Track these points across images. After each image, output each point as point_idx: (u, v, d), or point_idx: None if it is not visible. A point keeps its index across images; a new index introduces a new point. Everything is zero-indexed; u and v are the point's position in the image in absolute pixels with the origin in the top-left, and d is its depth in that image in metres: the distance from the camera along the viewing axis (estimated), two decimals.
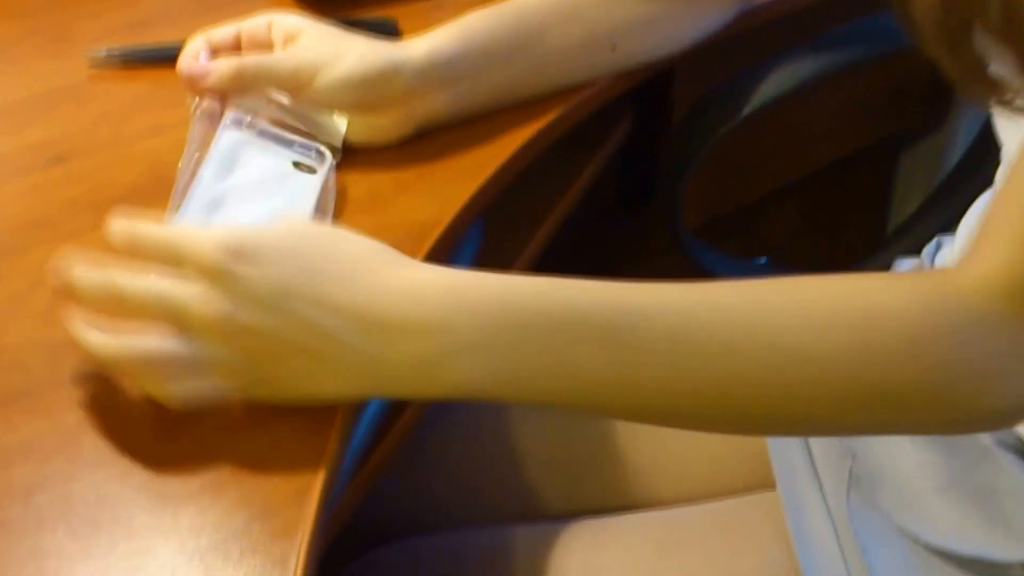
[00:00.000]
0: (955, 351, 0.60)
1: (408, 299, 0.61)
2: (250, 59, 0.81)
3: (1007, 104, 0.62)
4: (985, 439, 0.76)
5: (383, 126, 0.84)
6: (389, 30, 0.98)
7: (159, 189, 0.80)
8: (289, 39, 0.82)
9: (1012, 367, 0.61)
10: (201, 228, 0.65)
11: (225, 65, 0.80)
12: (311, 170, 0.79)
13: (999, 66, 0.61)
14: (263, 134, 0.79)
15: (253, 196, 0.77)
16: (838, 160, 1.38)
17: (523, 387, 0.62)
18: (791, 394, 0.61)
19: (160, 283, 0.62)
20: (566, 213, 0.98)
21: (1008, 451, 0.75)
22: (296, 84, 0.81)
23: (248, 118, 0.79)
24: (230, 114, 0.79)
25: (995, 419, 0.66)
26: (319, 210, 0.77)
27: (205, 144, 0.78)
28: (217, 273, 0.61)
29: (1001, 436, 0.76)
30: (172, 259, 0.63)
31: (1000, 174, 0.79)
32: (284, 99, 0.84)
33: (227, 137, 0.78)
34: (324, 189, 0.78)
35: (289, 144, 0.80)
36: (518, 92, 0.89)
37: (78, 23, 1.01)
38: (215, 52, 0.83)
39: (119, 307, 0.63)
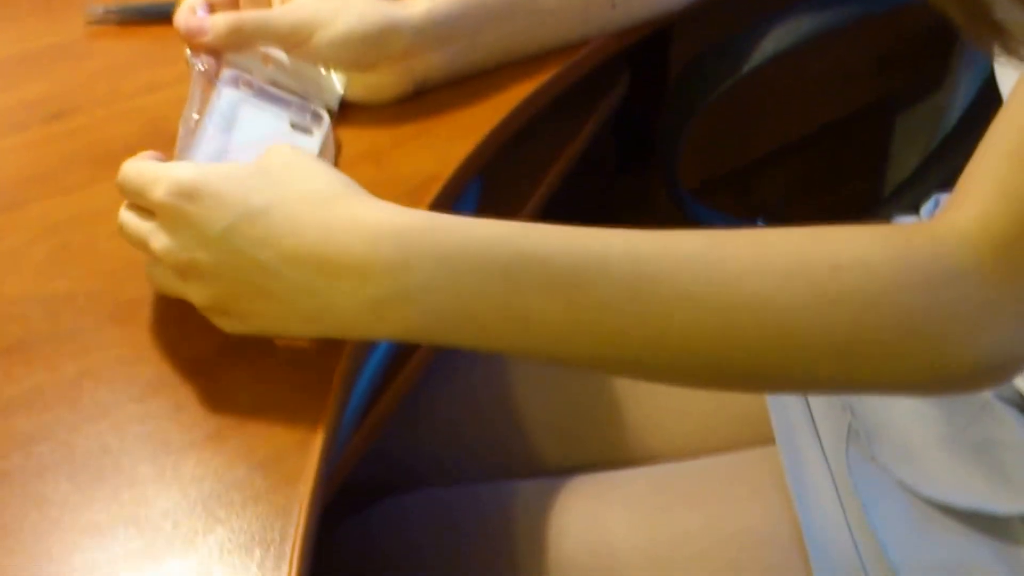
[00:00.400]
0: (927, 301, 0.58)
1: (360, 240, 0.59)
2: (248, 15, 0.80)
3: (1012, 52, 0.61)
4: (984, 393, 0.76)
5: (381, 84, 0.84)
6: None
7: (156, 144, 0.78)
8: None
9: (986, 319, 0.58)
10: (164, 165, 0.64)
11: (223, 20, 0.79)
12: (307, 131, 0.78)
13: (1005, 11, 0.60)
14: (260, 93, 0.78)
15: (253, 155, 0.76)
16: (835, 121, 1.37)
17: (478, 331, 0.60)
18: (755, 346, 0.59)
19: (125, 215, 0.65)
20: (564, 172, 0.97)
21: (1007, 405, 0.75)
22: (294, 41, 0.81)
23: (245, 76, 0.79)
24: (226, 72, 0.79)
25: (969, 376, 0.61)
26: None
27: (205, 101, 0.77)
28: (163, 210, 0.62)
29: (1000, 390, 0.76)
30: (136, 194, 0.64)
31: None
32: (281, 56, 0.83)
33: (226, 95, 0.77)
34: (323, 151, 0.78)
35: (286, 104, 0.79)
36: (516, 50, 0.88)
37: None
38: (212, 8, 0.82)
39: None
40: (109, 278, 0.70)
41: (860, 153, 1.47)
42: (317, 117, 0.79)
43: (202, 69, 0.79)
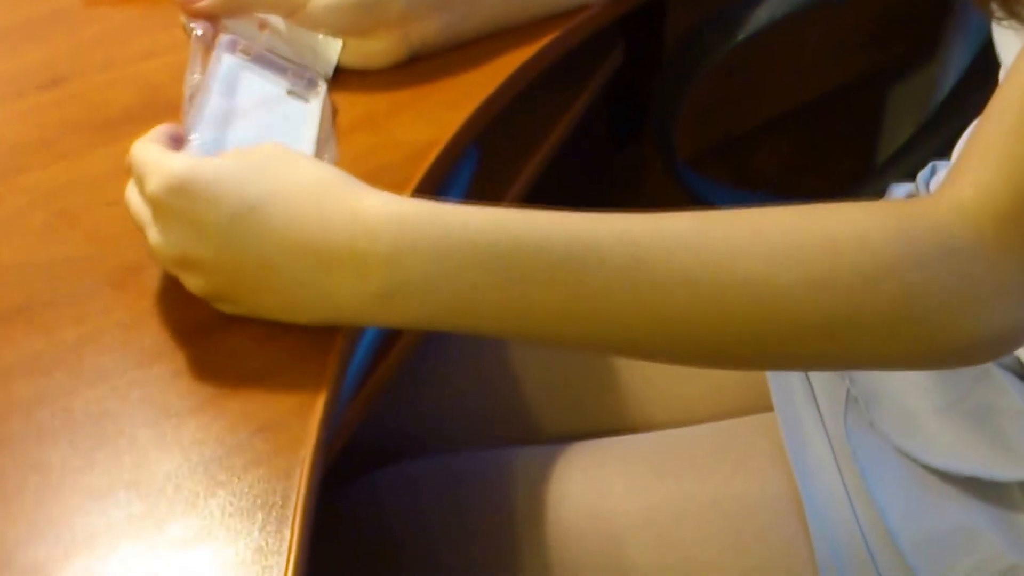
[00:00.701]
0: (926, 276, 0.57)
1: (359, 233, 0.59)
2: None
3: (1012, 13, 0.61)
4: None
5: (377, 50, 0.83)
6: None
7: (154, 111, 0.79)
8: None
9: (984, 294, 0.58)
10: (162, 155, 0.63)
11: None
12: (303, 98, 0.78)
13: None
14: (258, 59, 0.78)
15: (255, 122, 0.75)
16: (830, 90, 1.37)
17: (479, 320, 0.60)
18: (753, 326, 0.59)
19: (130, 193, 0.65)
20: (559, 142, 0.97)
21: (1007, 372, 0.75)
22: (288, 7, 0.80)
23: (242, 41, 0.78)
24: (224, 38, 0.78)
25: (968, 350, 0.61)
26: (321, 141, 0.76)
27: (205, 66, 0.77)
28: (155, 204, 0.62)
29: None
30: (136, 181, 0.64)
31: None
32: (277, 23, 0.83)
33: (225, 60, 0.77)
34: (322, 118, 0.77)
35: (283, 71, 0.78)
36: (514, 16, 0.87)
37: None
38: None
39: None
40: (108, 243, 0.70)
41: (855, 122, 1.47)
42: (313, 84, 0.78)
43: (199, 34, 0.78)
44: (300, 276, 0.60)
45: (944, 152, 1.15)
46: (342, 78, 0.82)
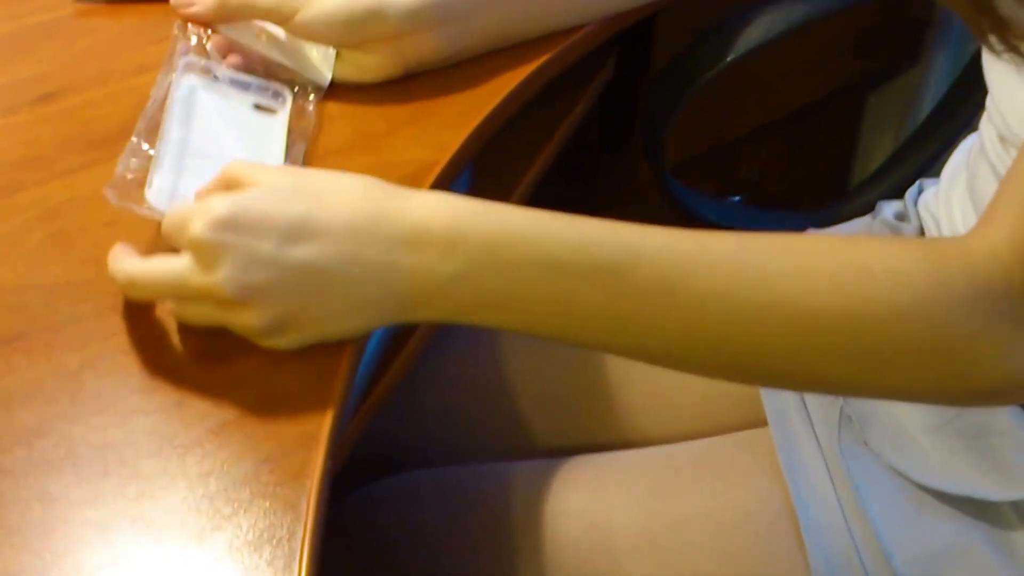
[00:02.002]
0: (957, 316, 0.58)
1: (410, 239, 0.60)
2: None
3: (1011, 47, 0.60)
4: None
5: (370, 65, 0.82)
6: None
7: None
8: None
9: (1016, 337, 0.58)
10: (193, 205, 0.62)
11: None
12: (271, 111, 0.76)
13: (1009, 8, 0.59)
14: (219, 78, 0.76)
15: (220, 146, 0.73)
16: (813, 101, 1.36)
17: (524, 316, 0.61)
18: (784, 346, 0.60)
19: (173, 274, 0.62)
20: (553, 156, 0.96)
21: None
22: (278, 17, 0.79)
23: (202, 62, 0.76)
24: (182, 60, 0.76)
25: (993, 391, 0.62)
26: (290, 154, 0.75)
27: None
28: (202, 246, 0.59)
29: None
30: (169, 238, 0.62)
31: (984, 121, 0.77)
32: (277, 31, 0.82)
33: (184, 84, 0.74)
34: (293, 131, 0.76)
35: (245, 86, 0.77)
36: (509, 35, 0.86)
37: None
38: None
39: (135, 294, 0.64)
40: (105, 266, 0.67)
41: (836, 132, 1.46)
42: (279, 95, 0.77)
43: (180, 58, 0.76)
44: (358, 275, 0.60)
45: (928, 169, 1.15)
46: (340, 97, 0.81)
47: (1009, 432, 0.74)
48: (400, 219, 0.60)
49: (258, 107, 0.77)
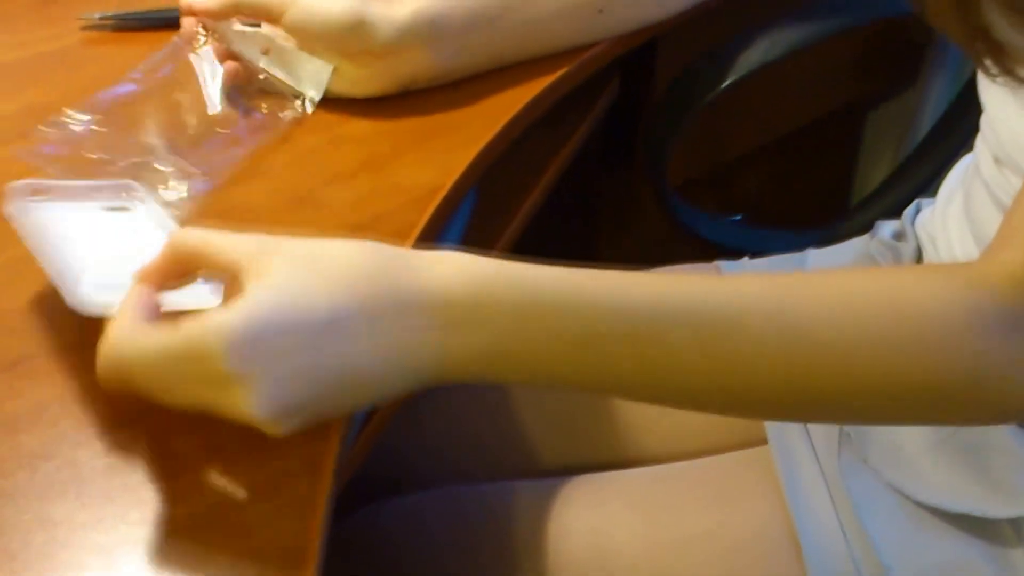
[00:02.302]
0: (988, 343, 0.58)
1: (436, 324, 0.56)
2: None
3: (1007, 71, 0.60)
4: None
5: (363, 78, 0.83)
6: None
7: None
8: None
9: None
10: (202, 332, 0.54)
11: None
12: (125, 208, 0.69)
13: (1004, 33, 0.59)
14: (57, 194, 0.68)
15: (99, 264, 0.64)
16: (812, 121, 1.37)
17: (551, 382, 0.60)
18: (823, 391, 0.59)
19: (180, 396, 0.56)
20: (557, 176, 0.96)
21: None
22: (268, 13, 0.82)
23: (33, 184, 0.68)
24: (16, 185, 0.67)
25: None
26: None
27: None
28: (232, 378, 0.53)
29: None
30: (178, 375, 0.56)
31: (979, 141, 0.78)
32: (284, 46, 0.83)
33: (30, 213, 0.66)
34: (158, 218, 0.68)
35: (89, 192, 0.69)
36: (505, 55, 0.87)
37: None
38: None
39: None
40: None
41: (836, 152, 1.47)
42: (129, 188, 0.70)
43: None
44: (393, 365, 0.56)
45: (926, 189, 1.15)
46: (346, 121, 0.82)
47: (1007, 450, 0.74)
48: (417, 298, 0.56)
49: (112, 209, 0.69)
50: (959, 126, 1.15)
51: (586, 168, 1.23)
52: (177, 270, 0.58)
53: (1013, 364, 0.58)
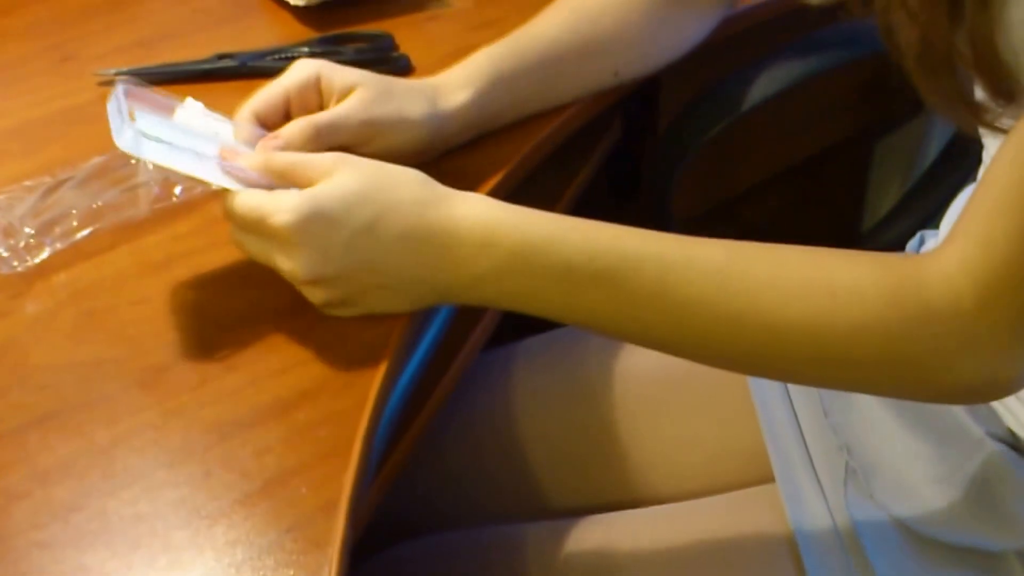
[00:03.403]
0: (909, 334, 0.64)
1: (457, 238, 0.70)
2: (323, 118, 0.79)
3: (988, 125, 0.64)
4: (977, 431, 0.77)
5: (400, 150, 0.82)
6: (386, 45, 0.99)
7: (171, 211, 0.81)
8: (342, 95, 0.81)
9: (963, 352, 0.64)
10: (273, 198, 0.70)
11: (298, 127, 0.78)
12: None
13: (979, 91, 0.63)
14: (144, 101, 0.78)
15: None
16: (818, 152, 1.38)
17: (544, 308, 0.71)
18: (760, 351, 0.68)
19: (244, 241, 0.73)
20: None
21: (999, 443, 0.77)
22: (357, 142, 0.80)
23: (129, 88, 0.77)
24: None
25: (951, 395, 0.71)
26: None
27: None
28: (283, 236, 0.69)
29: (992, 428, 0.77)
30: (253, 224, 0.71)
31: (982, 172, 0.80)
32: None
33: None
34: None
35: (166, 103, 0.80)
36: (524, 114, 0.91)
37: (84, 41, 1.02)
38: (264, 122, 0.80)
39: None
40: (133, 344, 0.71)
41: (844, 182, 1.48)
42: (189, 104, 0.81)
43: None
44: (412, 276, 0.71)
45: (930, 220, 1.17)
46: None
47: (1010, 483, 0.76)
48: (444, 227, 0.70)
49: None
50: (963, 156, 1.17)
51: (591, 206, 1.25)
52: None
53: (928, 353, 0.64)
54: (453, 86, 0.85)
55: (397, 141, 0.81)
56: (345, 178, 0.70)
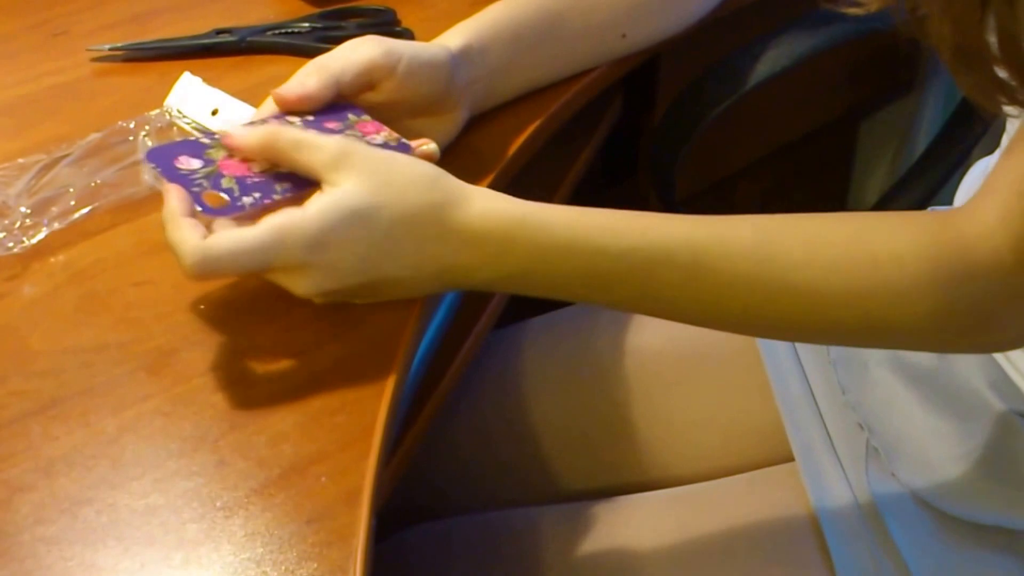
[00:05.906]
0: (952, 295, 0.62)
1: (469, 247, 0.65)
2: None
3: (1015, 102, 0.60)
4: (999, 406, 0.74)
5: (438, 130, 0.78)
6: (388, 19, 0.94)
7: None
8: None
9: (1006, 309, 0.63)
10: (277, 232, 0.62)
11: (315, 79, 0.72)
12: None
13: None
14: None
15: None
16: (810, 131, 1.36)
17: (565, 297, 0.68)
18: (803, 321, 0.65)
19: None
20: (569, 195, 0.95)
21: (1022, 418, 0.74)
22: (381, 76, 0.74)
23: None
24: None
25: (996, 347, 0.71)
26: None
27: None
28: (299, 267, 0.63)
29: (1014, 404, 0.74)
30: (264, 267, 0.63)
31: (1005, 138, 0.77)
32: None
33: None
34: None
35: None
36: (536, 81, 0.86)
37: (76, 16, 0.96)
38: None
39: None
40: (138, 327, 0.66)
41: (835, 160, 1.46)
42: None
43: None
44: (426, 281, 0.66)
45: (932, 197, 1.15)
46: None
47: None
48: (460, 230, 0.64)
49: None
50: (963, 134, 1.14)
51: (592, 185, 1.22)
52: (264, 156, 0.67)
53: (974, 309, 0.63)
54: (457, 33, 0.80)
55: (418, 78, 0.74)
56: (351, 187, 0.63)
